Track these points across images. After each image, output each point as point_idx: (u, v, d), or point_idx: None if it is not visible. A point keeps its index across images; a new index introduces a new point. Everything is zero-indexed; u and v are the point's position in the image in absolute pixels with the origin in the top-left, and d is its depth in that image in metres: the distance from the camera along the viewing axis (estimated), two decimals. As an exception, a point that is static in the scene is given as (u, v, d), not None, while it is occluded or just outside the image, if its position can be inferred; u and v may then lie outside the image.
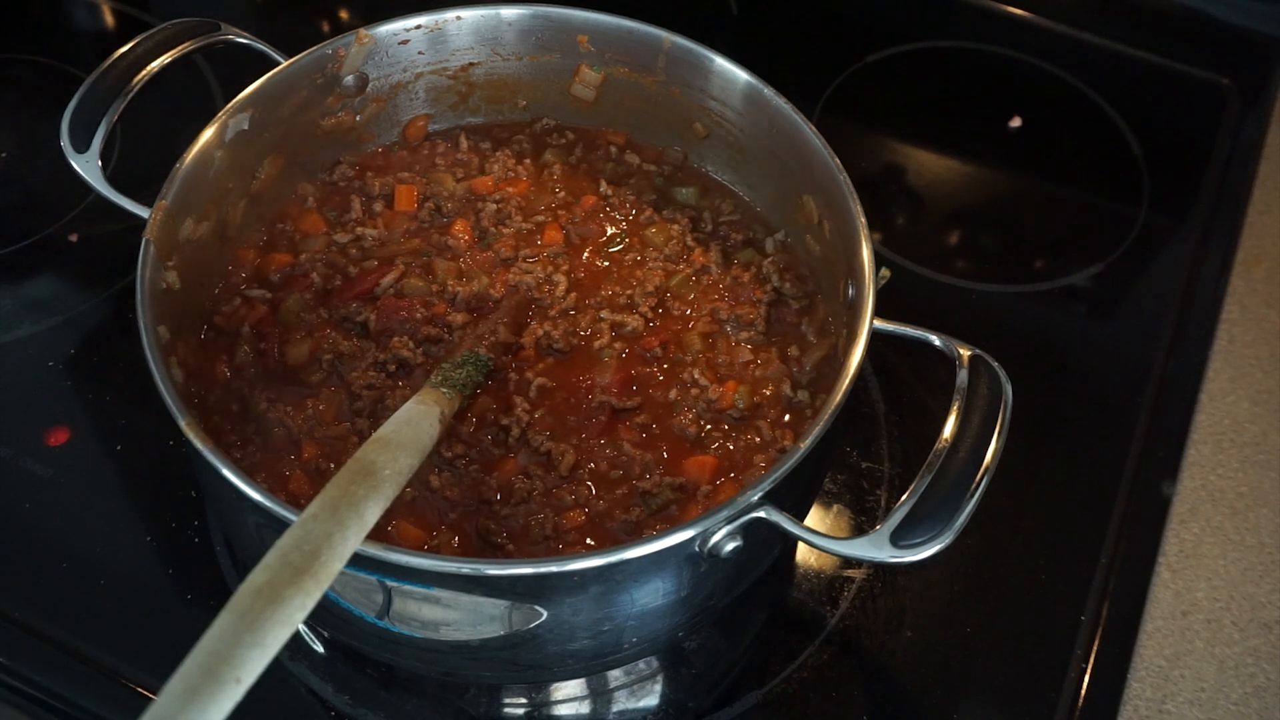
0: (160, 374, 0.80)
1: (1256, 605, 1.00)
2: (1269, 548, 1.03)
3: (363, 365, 0.94)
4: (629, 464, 0.90)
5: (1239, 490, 1.07)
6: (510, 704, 0.96)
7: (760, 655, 0.98)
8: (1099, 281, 1.23)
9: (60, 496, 1.03)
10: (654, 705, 0.96)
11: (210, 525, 1.01)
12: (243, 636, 0.59)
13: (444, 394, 0.87)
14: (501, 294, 0.99)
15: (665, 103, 1.07)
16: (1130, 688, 0.95)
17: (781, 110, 0.98)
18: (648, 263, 1.02)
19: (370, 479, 0.73)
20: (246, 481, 0.75)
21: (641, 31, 1.04)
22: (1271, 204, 1.28)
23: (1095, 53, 1.44)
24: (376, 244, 1.02)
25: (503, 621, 0.79)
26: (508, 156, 1.09)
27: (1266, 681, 0.96)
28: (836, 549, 0.80)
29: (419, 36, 1.05)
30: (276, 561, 0.64)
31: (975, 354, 0.86)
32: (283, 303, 0.98)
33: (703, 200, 1.08)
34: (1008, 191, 1.34)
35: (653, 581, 0.79)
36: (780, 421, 0.94)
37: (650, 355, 0.96)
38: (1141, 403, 1.12)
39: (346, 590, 0.78)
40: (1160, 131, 1.36)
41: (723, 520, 0.76)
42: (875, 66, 1.41)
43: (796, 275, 1.02)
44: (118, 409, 1.08)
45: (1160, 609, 1.00)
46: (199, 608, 0.97)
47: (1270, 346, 1.16)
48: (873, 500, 1.06)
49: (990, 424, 0.82)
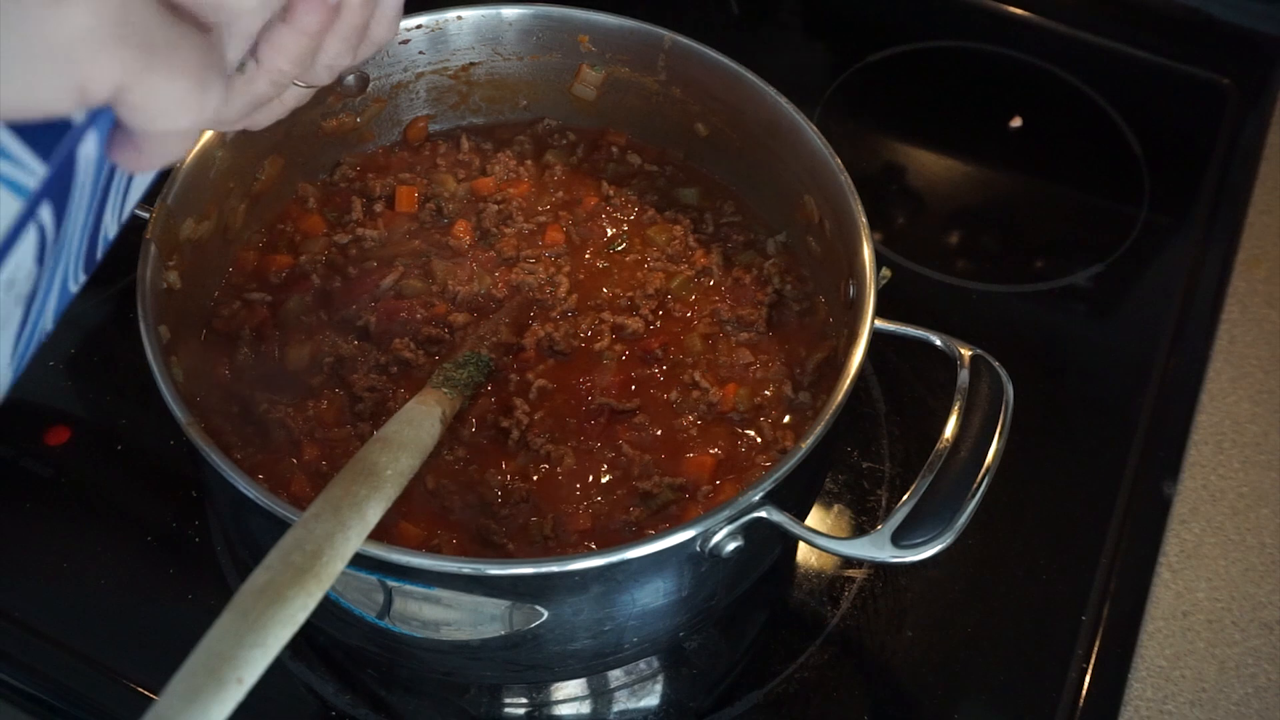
0: (161, 374, 0.80)
1: (1257, 605, 1.00)
2: (1270, 548, 1.03)
3: (364, 368, 0.94)
4: (629, 464, 0.90)
5: (1240, 490, 1.07)
6: (511, 704, 0.96)
7: (761, 655, 0.98)
8: (1099, 281, 1.23)
9: (60, 496, 1.03)
10: (654, 705, 0.96)
11: (210, 525, 1.01)
12: (245, 636, 0.59)
13: (445, 394, 0.87)
14: (504, 294, 0.99)
15: (666, 103, 1.07)
16: (1131, 688, 0.95)
17: (782, 110, 0.98)
18: (649, 264, 1.02)
19: (372, 479, 0.73)
20: (248, 482, 0.75)
21: (642, 31, 1.04)
22: (1272, 204, 1.28)
23: (1095, 53, 1.44)
24: (377, 245, 1.02)
25: (503, 621, 0.79)
26: (509, 157, 1.09)
27: (1268, 681, 0.96)
28: (837, 549, 0.80)
29: (420, 36, 1.05)
30: (278, 561, 0.64)
31: (976, 354, 0.86)
32: (283, 305, 0.98)
33: (704, 201, 1.08)
34: (1008, 191, 1.34)
35: (654, 581, 0.79)
36: (781, 422, 0.94)
37: (651, 357, 0.96)
38: (1142, 403, 1.12)
39: (347, 590, 0.78)
40: (1160, 131, 1.36)
41: (724, 520, 0.76)
42: (875, 66, 1.41)
43: (797, 277, 1.02)
44: (118, 409, 1.08)
45: (1161, 609, 1.00)
46: (199, 608, 0.97)
47: (1271, 347, 1.16)
48: (874, 500, 1.06)
49: (991, 424, 0.82)
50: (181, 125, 0.44)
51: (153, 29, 0.41)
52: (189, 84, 0.44)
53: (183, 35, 0.43)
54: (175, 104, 0.43)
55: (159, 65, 0.42)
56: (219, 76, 0.45)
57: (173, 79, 0.43)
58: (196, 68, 0.44)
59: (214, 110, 0.45)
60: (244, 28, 0.50)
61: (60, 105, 0.41)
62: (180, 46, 0.43)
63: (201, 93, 0.44)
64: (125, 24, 0.40)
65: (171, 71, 0.43)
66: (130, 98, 0.42)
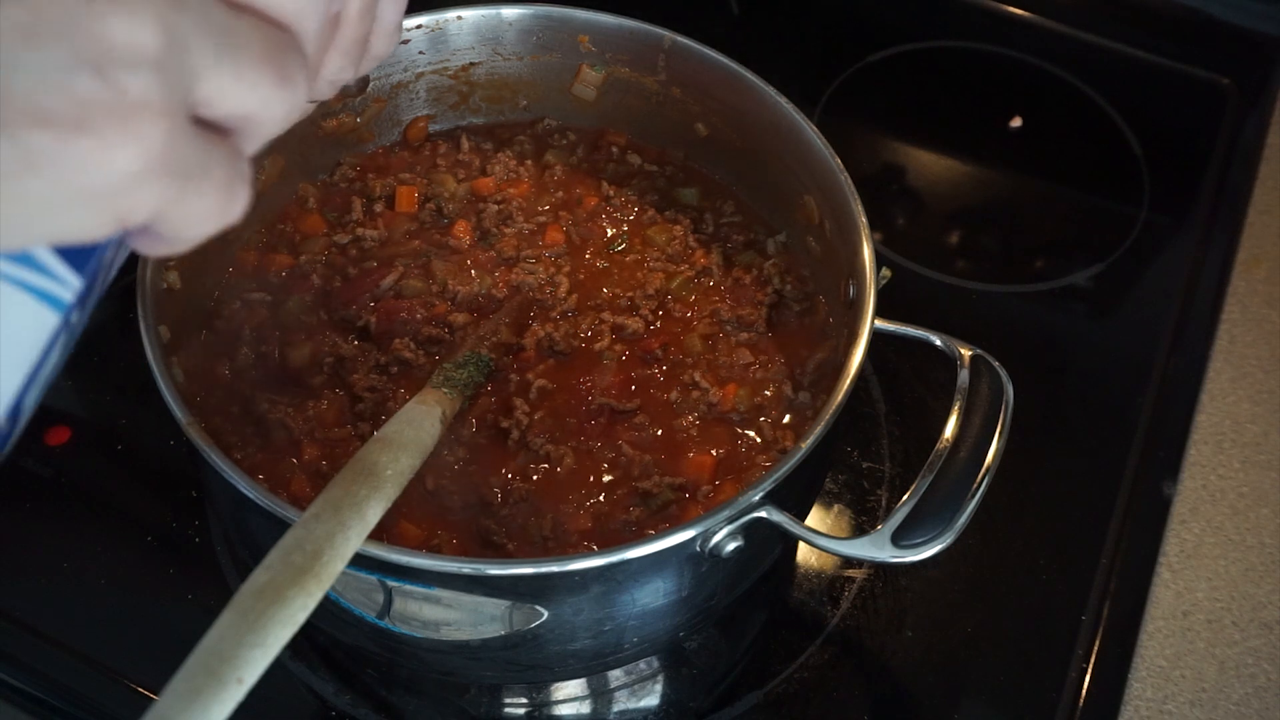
0: (161, 374, 0.80)
1: (1257, 605, 1.00)
2: (1270, 548, 1.03)
3: (364, 368, 0.94)
4: (629, 464, 0.90)
5: (1240, 490, 1.07)
6: (511, 704, 0.96)
7: (761, 655, 0.98)
8: (1099, 281, 1.23)
9: (60, 496, 1.03)
10: (654, 705, 0.96)
11: (210, 525, 1.01)
12: (245, 636, 0.59)
13: (445, 394, 0.87)
14: (504, 294, 0.99)
15: (666, 103, 1.07)
16: (1131, 688, 0.95)
17: (782, 110, 0.98)
18: (649, 264, 1.02)
19: (372, 479, 0.72)
20: (248, 482, 0.75)
21: (642, 31, 1.04)
22: (1272, 204, 1.28)
23: (1095, 53, 1.44)
24: (376, 245, 1.02)
25: (504, 621, 0.79)
26: (509, 157, 1.09)
27: (1268, 681, 0.96)
28: (838, 549, 0.80)
29: (420, 36, 1.05)
30: (278, 561, 0.64)
31: (976, 354, 0.86)
32: (283, 305, 0.98)
33: (704, 201, 1.08)
34: (1008, 191, 1.34)
35: (654, 581, 0.79)
36: (781, 422, 0.94)
37: (651, 357, 0.96)
38: (1142, 403, 1.12)
39: (347, 590, 0.78)
40: (1160, 131, 1.36)
41: (724, 520, 0.76)
42: (875, 66, 1.41)
43: (797, 277, 1.02)
44: (118, 409, 1.08)
45: (1161, 609, 1.00)
46: (199, 608, 0.97)
47: (1271, 347, 1.16)
48: (874, 500, 1.06)
49: (991, 424, 0.82)
50: (209, 231, 0.46)
51: (190, 157, 0.43)
52: (220, 199, 0.45)
53: (214, 155, 0.45)
54: (206, 217, 0.45)
55: (193, 189, 0.43)
56: (246, 183, 0.47)
57: (205, 197, 0.44)
58: (227, 183, 0.45)
59: (241, 212, 0.47)
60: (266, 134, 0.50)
61: (98, 234, 0.43)
62: (212, 167, 0.44)
63: (229, 203, 0.46)
64: (168, 160, 0.41)
65: (204, 192, 0.44)
66: (165, 218, 0.44)
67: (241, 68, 0.44)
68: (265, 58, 0.45)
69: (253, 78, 0.45)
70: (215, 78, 0.44)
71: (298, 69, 0.47)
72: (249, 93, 0.45)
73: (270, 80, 0.45)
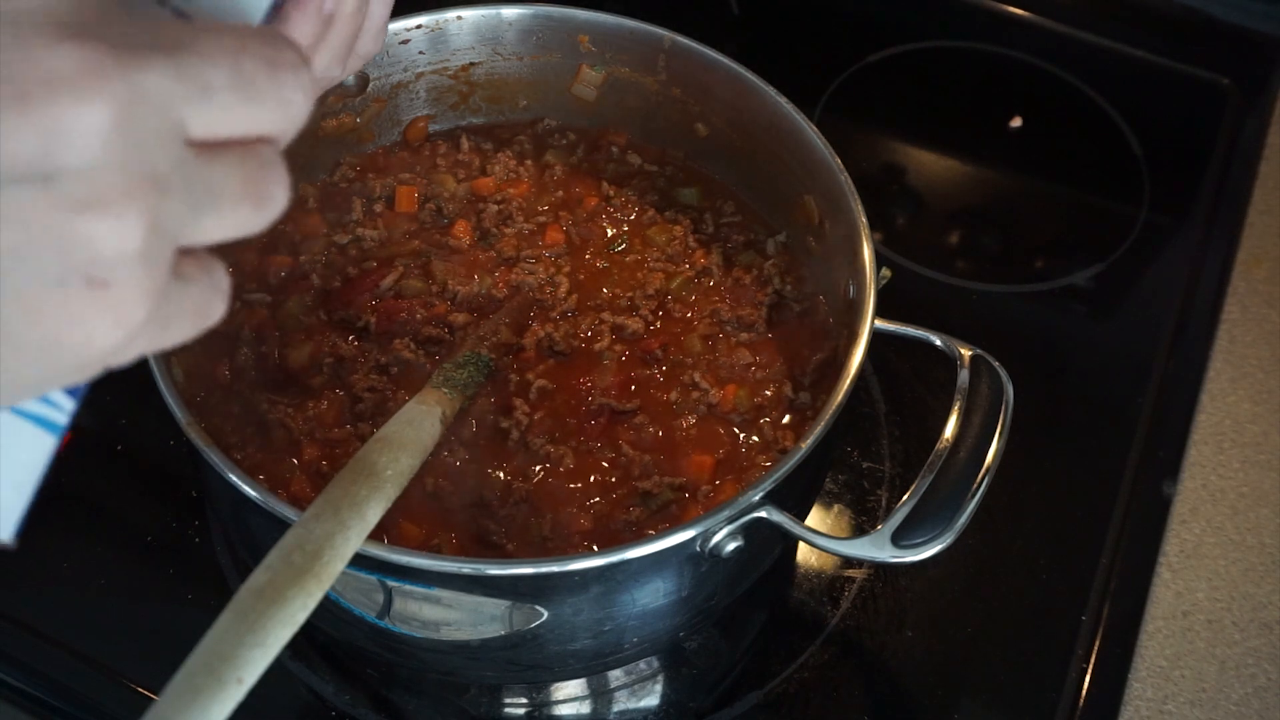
0: (161, 374, 0.80)
1: (1258, 605, 1.00)
2: (1270, 548, 1.03)
3: (364, 368, 0.94)
4: (629, 465, 0.90)
5: (1240, 490, 1.07)
6: (511, 704, 0.96)
7: (761, 655, 0.98)
8: (1099, 281, 1.23)
9: (60, 496, 1.02)
10: (654, 705, 0.96)
11: (210, 525, 1.01)
12: (245, 637, 0.59)
13: (445, 394, 0.86)
14: (504, 294, 0.99)
15: (666, 103, 1.07)
16: (1131, 688, 0.95)
17: (782, 110, 0.98)
18: (649, 264, 1.02)
19: (372, 479, 0.72)
20: (248, 482, 0.75)
21: (642, 31, 1.04)
22: (1272, 204, 1.28)
23: (1095, 53, 1.44)
24: (376, 245, 1.02)
25: (504, 621, 0.79)
26: (509, 157, 1.09)
27: (1268, 681, 0.96)
28: (838, 549, 0.80)
29: (419, 36, 1.05)
30: (278, 561, 0.64)
31: (976, 354, 0.86)
32: (283, 305, 0.98)
33: (704, 201, 1.08)
34: (1008, 191, 1.34)
35: (654, 581, 0.79)
36: (781, 422, 0.94)
37: (650, 357, 0.96)
38: (1142, 403, 1.12)
39: (347, 590, 0.78)
40: (1160, 131, 1.36)
41: (724, 520, 0.76)
42: (875, 66, 1.41)
43: (797, 277, 1.02)
44: (118, 409, 1.08)
45: (1161, 609, 1.00)
46: (199, 608, 0.97)
47: (1271, 347, 1.16)
48: (874, 500, 1.06)
49: (991, 424, 0.82)
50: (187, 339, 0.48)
51: (171, 308, 0.45)
52: (199, 319, 0.47)
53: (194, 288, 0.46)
54: (184, 335, 0.47)
55: (172, 328, 0.46)
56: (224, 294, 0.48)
57: (185, 323, 0.47)
58: (206, 303, 0.47)
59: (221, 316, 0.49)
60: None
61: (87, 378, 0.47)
62: (188, 304, 0.46)
63: (208, 318, 0.48)
64: (151, 320, 0.44)
65: (183, 327, 0.47)
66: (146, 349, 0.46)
67: (222, 211, 0.44)
68: (244, 193, 0.45)
69: (233, 215, 0.45)
70: (196, 231, 0.44)
71: (277, 182, 0.46)
72: (229, 226, 0.45)
73: (249, 207, 0.45)
